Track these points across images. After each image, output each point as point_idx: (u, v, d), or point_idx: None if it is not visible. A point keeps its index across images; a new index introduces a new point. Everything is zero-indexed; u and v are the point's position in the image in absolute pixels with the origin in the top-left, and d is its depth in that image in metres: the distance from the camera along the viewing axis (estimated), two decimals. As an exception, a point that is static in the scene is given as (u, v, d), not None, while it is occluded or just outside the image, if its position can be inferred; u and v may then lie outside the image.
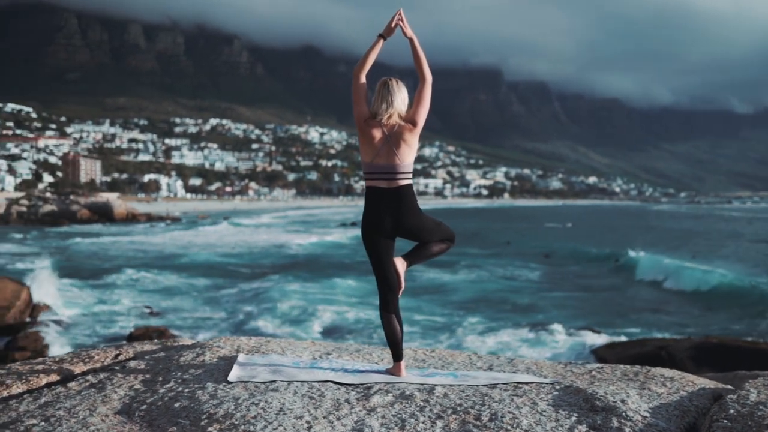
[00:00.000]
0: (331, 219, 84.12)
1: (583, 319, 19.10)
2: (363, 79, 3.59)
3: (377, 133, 3.50)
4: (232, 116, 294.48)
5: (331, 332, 17.21)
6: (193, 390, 3.26)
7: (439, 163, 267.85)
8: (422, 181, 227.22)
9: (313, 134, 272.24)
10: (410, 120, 3.52)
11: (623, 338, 16.23)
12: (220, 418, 2.85)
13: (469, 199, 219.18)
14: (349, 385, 3.36)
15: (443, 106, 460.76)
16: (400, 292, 3.59)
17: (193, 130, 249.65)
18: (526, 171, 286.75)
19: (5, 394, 3.40)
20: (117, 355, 4.16)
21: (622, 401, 3.08)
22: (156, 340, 4.82)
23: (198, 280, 26.46)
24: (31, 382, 3.54)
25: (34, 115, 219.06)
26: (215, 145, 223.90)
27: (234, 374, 3.46)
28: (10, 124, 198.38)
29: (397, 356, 3.54)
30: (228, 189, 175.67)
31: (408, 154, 3.50)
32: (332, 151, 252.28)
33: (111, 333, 17.25)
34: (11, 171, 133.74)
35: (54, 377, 3.64)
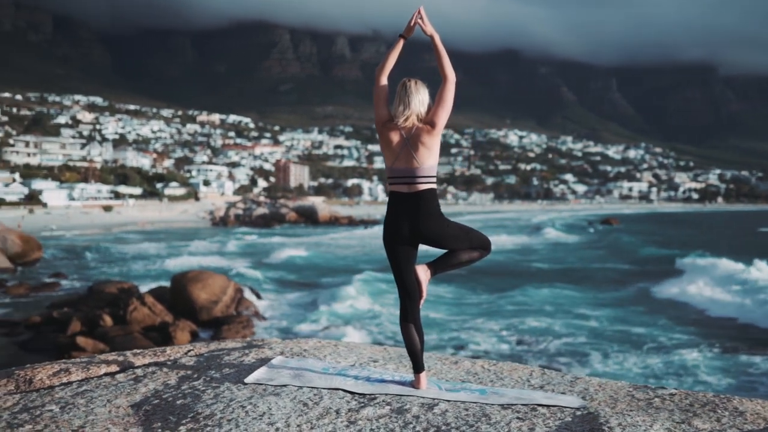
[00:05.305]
0: (522, 224, 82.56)
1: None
2: (384, 81, 3.50)
3: (395, 136, 3.39)
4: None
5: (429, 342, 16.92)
6: (207, 389, 3.34)
7: (645, 166, 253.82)
8: (626, 184, 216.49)
9: (512, 138, 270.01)
10: (429, 121, 3.37)
11: None
12: (201, 418, 2.89)
13: (677, 203, 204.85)
14: (359, 394, 3.28)
15: (649, 105, 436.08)
16: (422, 301, 3.44)
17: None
18: (744, 173, 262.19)
19: (64, 380, 3.69)
20: (188, 351, 4.37)
21: (629, 436, 2.72)
22: (249, 338, 5.02)
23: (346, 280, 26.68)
24: (90, 371, 3.81)
25: (251, 125, 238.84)
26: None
27: (252, 376, 3.50)
28: (232, 134, 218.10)
29: (417, 368, 3.39)
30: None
31: (428, 157, 3.36)
32: (531, 155, 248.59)
33: (302, 329, 18.12)
34: (231, 177, 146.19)
35: (113, 368, 3.89)
